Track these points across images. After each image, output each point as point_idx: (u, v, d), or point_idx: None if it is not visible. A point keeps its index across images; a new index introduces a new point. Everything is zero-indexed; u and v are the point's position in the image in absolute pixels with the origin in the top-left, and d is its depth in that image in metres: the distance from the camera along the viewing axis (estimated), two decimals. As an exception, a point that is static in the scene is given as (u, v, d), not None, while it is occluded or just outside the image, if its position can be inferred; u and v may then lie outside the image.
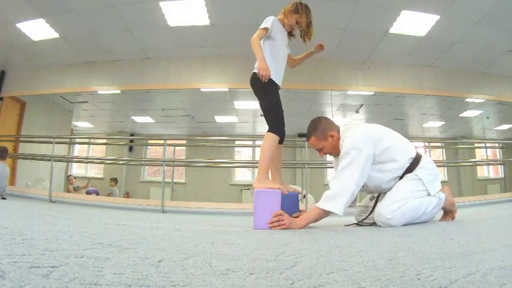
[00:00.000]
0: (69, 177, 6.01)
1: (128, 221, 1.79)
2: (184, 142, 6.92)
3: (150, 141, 7.14)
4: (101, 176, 6.80)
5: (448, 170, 6.18)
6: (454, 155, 6.28)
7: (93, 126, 7.37)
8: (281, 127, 1.76)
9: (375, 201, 1.69)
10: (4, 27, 4.35)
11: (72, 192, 5.71)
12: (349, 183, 1.45)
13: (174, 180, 5.47)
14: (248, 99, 5.75)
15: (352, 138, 1.52)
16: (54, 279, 0.43)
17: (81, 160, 6.36)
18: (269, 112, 1.77)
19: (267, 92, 1.76)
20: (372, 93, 5.46)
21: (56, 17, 4.16)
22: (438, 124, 6.58)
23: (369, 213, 1.65)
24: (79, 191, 5.87)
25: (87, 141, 7.02)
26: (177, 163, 5.40)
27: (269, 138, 1.72)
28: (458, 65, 5.20)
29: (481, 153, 6.46)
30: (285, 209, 1.49)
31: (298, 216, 1.56)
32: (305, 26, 1.81)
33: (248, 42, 1.76)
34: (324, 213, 1.48)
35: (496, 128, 6.77)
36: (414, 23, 4.13)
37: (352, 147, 1.48)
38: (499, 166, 6.40)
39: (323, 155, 1.71)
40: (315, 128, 1.65)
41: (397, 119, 6.40)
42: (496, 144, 6.47)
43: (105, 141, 6.80)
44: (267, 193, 1.54)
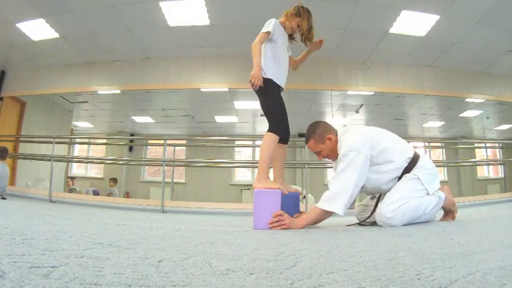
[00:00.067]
0: (68, 180, 6.00)
1: (128, 221, 1.79)
2: (184, 142, 6.93)
3: (150, 141, 7.15)
4: (101, 176, 6.81)
5: (448, 170, 6.18)
6: (454, 155, 6.28)
7: (93, 126, 7.37)
8: (280, 127, 1.78)
9: (376, 201, 1.70)
10: (4, 27, 4.35)
11: (68, 191, 5.72)
12: (348, 184, 1.47)
13: (174, 180, 5.47)
14: (248, 99, 5.75)
15: (350, 140, 1.55)
16: (54, 279, 0.43)
17: (81, 160, 6.37)
18: (269, 112, 1.80)
19: (267, 93, 1.78)
20: (372, 93, 5.46)
21: (56, 17, 4.16)
22: (438, 124, 6.58)
23: (371, 213, 1.67)
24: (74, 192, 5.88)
25: (87, 141, 7.02)
26: (177, 163, 5.40)
27: (268, 138, 1.74)
28: (458, 65, 5.20)
29: (481, 153, 6.46)
30: (285, 209, 1.49)
31: (299, 217, 1.56)
32: (306, 29, 1.85)
33: (248, 42, 1.76)
34: (324, 214, 1.49)
35: (496, 128, 6.77)
36: (414, 23, 4.14)
37: (350, 149, 1.51)
38: (499, 166, 6.41)
39: (322, 158, 1.73)
40: (313, 131, 1.68)
41: (397, 119, 6.40)
42: (496, 144, 6.47)
43: (105, 141, 6.81)
44: (267, 193, 1.54)
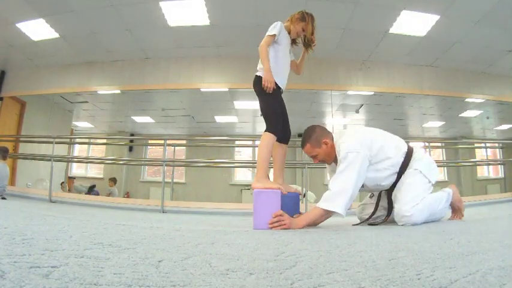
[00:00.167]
0: (63, 184, 5.97)
1: (128, 221, 1.79)
2: (184, 142, 6.93)
3: (150, 141, 7.15)
4: (101, 176, 6.81)
5: (448, 170, 6.18)
6: (454, 155, 6.28)
7: (93, 126, 7.37)
8: (278, 127, 1.80)
9: (376, 199, 1.72)
10: (4, 27, 4.35)
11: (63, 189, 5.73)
12: (348, 184, 1.49)
13: (174, 180, 5.47)
14: (248, 99, 5.75)
15: (348, 142, 1.58)
16: (54, 279, 0.43)
17: (81, 160, 6.37)
18: (269, 113, 1.82)
19: (267, 93, 1.79)
20: (372, 93, 5.46)
21: (56, 17, 4.16)
22: (438, 124, 6.58)
23: (373, 213, 1.70)
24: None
25: (87, 141, 7.03)
26: (177, 163, 5.40)
27: (266, 138, 1.77)
28: (458, 65, 5.20)
29: (481, 153, 6.46)
30: (284, 209, 1.49)
31: (299, 217, 1.57)
32: (310, 34, 1.91)
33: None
34: (324, 214, 1.50)
35: (496, 128, 6.77)
36: (414, 23, 4.14)
37: (349, 150, 1.54)
38: (499, 166, 6.41)
39: (318, 162, 1.75)
40: (309, 136, 1.71)
41: (397, 119, 6.40)
42: (496, 144, 6.47)
43: (105, 141, 6.81)
44: (267, 193, 1.54)
